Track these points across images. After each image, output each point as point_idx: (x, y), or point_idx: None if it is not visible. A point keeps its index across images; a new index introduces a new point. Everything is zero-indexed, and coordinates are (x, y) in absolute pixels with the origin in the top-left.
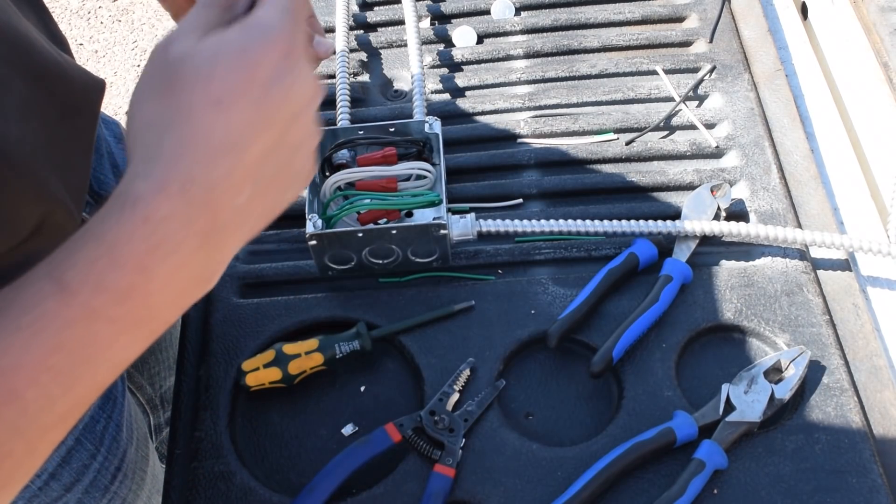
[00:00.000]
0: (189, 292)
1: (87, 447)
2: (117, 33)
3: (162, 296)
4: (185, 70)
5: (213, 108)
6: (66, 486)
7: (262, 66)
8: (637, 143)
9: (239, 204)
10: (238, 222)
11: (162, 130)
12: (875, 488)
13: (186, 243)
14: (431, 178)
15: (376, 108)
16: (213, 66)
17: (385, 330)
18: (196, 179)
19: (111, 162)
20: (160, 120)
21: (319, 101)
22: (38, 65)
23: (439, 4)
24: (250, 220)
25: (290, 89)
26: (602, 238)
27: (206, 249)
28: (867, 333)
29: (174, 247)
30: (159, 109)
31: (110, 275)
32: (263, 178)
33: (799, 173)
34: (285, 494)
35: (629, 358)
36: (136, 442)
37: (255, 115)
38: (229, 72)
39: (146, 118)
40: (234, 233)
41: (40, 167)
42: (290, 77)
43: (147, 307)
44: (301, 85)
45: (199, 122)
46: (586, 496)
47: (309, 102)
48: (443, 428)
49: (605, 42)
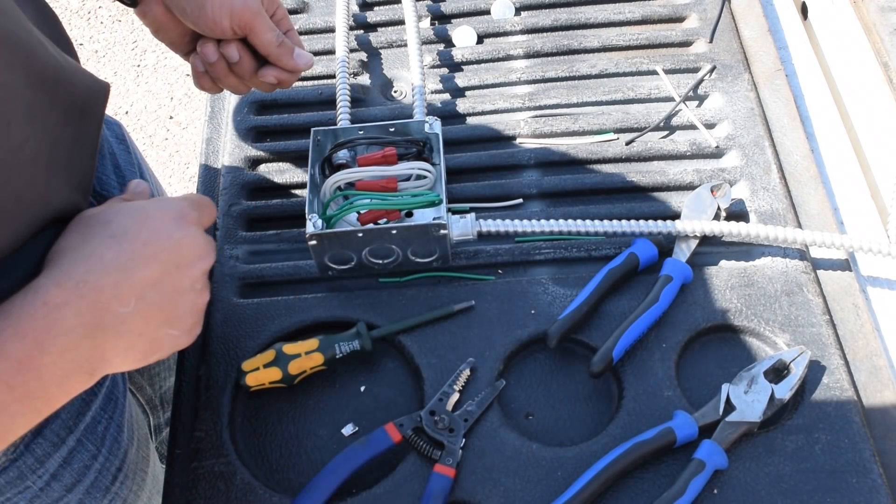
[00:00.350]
0: (73, 377)
1: (88, 448)
2: (117, 33)
3: (51, 373)
4: (94, 217)
5: (108, 238)
6: (68, 486)
7: (155, 220)
8: (637, 143)
9: (124, 312)
10: (122, 329)
11: (69, 250)
12: (875, 488)
13: (75, 330)
14: (431, 178)
15: (376, 108)
16: (116, 214)
17: (385, 330)
18: (88, 282)
19: (113, 163)
20: (70, 245)
21: (209, 262)
22: (42, 69)
23: (439, 4)
24: (138, 333)
25: (179, 241)
26: (602, 238)
27: (91, 340)
28: (867, 333)
29: (65, 330)
30: (68, 239)
31: (12, 344)
32: (148, 301)
33: (799, 173)
34: (285, 494)
35: (629, 358)
36: (136, 442)
37: (143, 249)
38: (126, 218)
39: (58, 245)
40: (118, 337)
41: (43, 170)
42: (179, 233)
43: (39, 380)
44: (190, 242)
45: (97, 246)
46: (586, 496)
47: (197, 259)
48: (443, 428)
49: (605, 42)
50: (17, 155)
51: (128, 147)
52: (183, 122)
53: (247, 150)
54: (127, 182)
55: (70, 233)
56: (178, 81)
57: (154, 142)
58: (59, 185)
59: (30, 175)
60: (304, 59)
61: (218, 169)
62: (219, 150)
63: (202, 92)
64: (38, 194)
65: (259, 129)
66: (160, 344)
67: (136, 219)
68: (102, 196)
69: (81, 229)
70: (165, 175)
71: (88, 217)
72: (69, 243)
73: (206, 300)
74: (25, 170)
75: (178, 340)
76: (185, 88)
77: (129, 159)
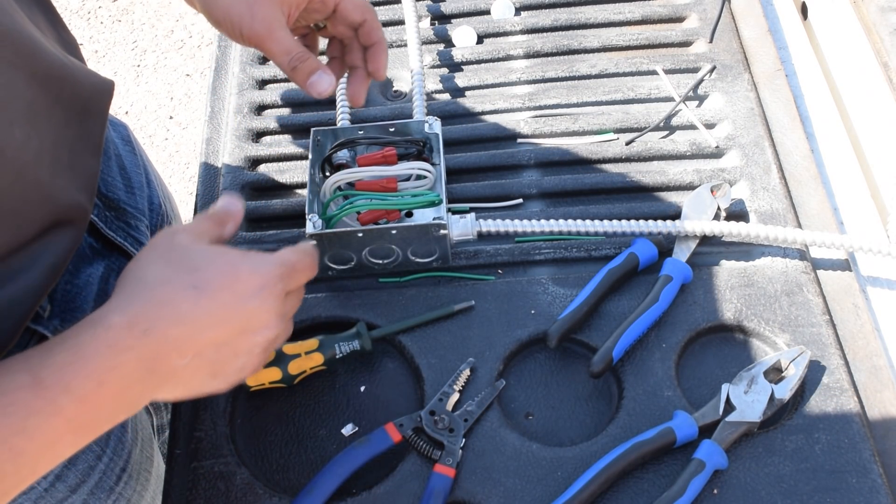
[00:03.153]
0: (120, 413)
1: (92, 448)
2: (117, 33)
3: (105, 409)
4: (182, 255)
5: (189, 289)
6: (72, 487)
7: (241, 283)
8: (637, 143)
9: (178, 365)
10: (173, 379)
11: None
12: (875, 488)
13: (134, 374)
14: (431, 178)
15: (376, 108)
16: (206, 263)
17: (385, 330)
18: (157, 330)
19: (119, 164)
20: (149, 277)
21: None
22: (45, 68)
23: (439, 4)
24: (183, 382)
25: (254, 310)
26: (602, 238)
27: (143, 384)
28: (867, 333)
29: (125, 373)
30: (152, 270)
31: (77, 380)
32: (204, 357)
33: (799, 173)
34: (285, 494)
35: (629, 358)
36: (140, 443)
37: (218, 311)
38: (214, 273)
39: (140, 270)
40: (167, 383)
41: (46, 170)
42: (257, 301)
43: (94, 415)
44: (265, 313)
45: (175, 294)
46: (586, 496)
47: (265, 329)
48: (443, 428)
49: (605, 42)
50: (19, 154)
51: (134, 149)
52: (183, 122)
53: (247, 150)
54: (133, 185)
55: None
56: (178, 81)
57: (154, 142)
58: (64, 185)
59: (33, 174)
60: (318, 87)
61: (218, 169)
62: (219, 150)
63: (202, 92)
64: (42, 193)
65: (259, 129)
66: (198, 391)
67: (223, 276)
68: (108, 198)
69: (166, 263)
70: (165, 175)
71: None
72: (150, 274)
73: (259, 364)
74: (29, 169)
75: (215, 389)
76: (185, 88)
77: (135, 161)
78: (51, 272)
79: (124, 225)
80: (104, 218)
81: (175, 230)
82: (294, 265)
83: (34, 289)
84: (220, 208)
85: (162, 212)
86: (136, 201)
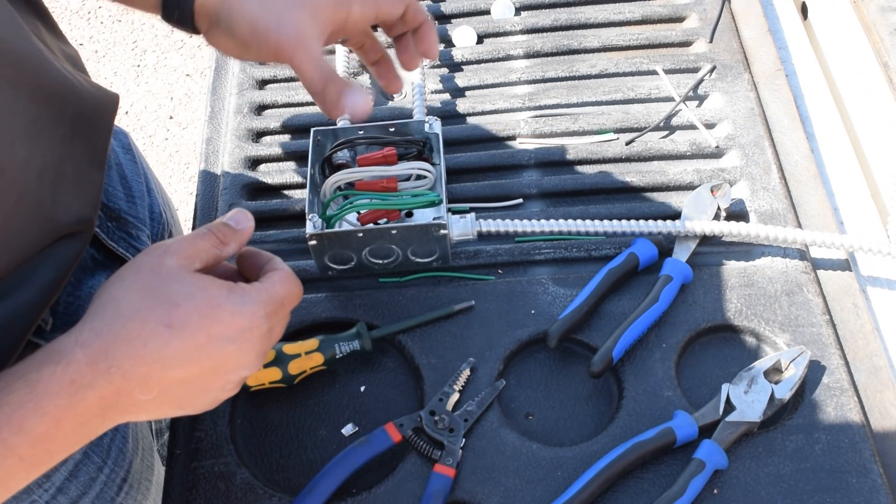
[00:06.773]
0: (76, 445)
1: (94, 460)
2: (117, 33)
3: (60, 445)
4: (163, 286)
5: (163, 326)
6: (73, 499)
7: (220, 324)
8: (637, 143)
9: (142, 399)
10: (135, 410)
11: (119, 316)
12: (875, 488)
13: (92, 410)
14: (431, 178)
15: (376, 108)
16: (185, 299)
17: (385, 330)
18: (121, 368)
19: (119, 174)
20: (123, 307)
21: (251, 372)
22: (48, 84)
23: (439, 4)
24: (146, 413)
25: (231, 353)
26: (602, 238)
27: (101, 419)
28: (867, 333)
29: (84, 409)
30: (129, 299)
31: (32, 420)
32: (170, 393)
33: (799, 173)
34: (285, 494)
35: (629, 358)
36: (141, 452)
37: (190, 351)
38: (191, 311)
39: (117, 295)
40: (128, 415)
41: (50, 188)
42: (235, 345)
43: (48, 453)
44: (243, 355)
45: (146, 330)
46: (586, 496)
47: (241, 368)
48: (443, 428)
49: (605, 42)
50: (22, 172)
51: (134, 157)
52: (183, 122)
53: (247, 150)
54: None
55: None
56: (178, 81)
57: (154, 142)
58: (68, 201)
59: (36, 192)
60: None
61: (218, 169)
62: (219, 150)
63: (202, 92)
64: (45, 211)
65: (259, 129)
66: (164, 416)
67: (201, 317)
68: (109, 208)
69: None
70: (165, 175)
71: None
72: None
73: (229, 396)
74: (31, 187)
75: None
76: (185, 88)
77: (135, 170)
78: (52, 286)
79: (126, 235)
80: (106, 229)
81: (165, 250)
82: (282, 301)
83: (35, 303)
84: (225, 224)
85: (163, 220)
86: (138, 210)
